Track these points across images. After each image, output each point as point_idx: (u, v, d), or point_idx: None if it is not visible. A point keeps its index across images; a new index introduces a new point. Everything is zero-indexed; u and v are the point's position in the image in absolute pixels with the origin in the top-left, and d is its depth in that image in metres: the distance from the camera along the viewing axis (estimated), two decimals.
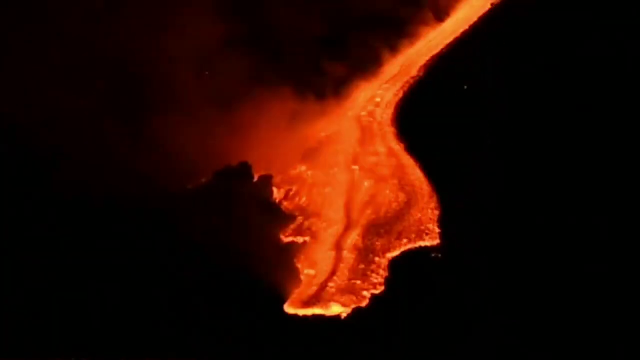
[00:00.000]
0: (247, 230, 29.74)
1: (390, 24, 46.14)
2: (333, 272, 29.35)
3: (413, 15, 47.49)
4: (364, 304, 27.66)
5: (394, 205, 33.02)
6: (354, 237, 31.20)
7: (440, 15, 49.24)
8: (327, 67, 41.15)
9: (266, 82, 37.48)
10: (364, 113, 40.74)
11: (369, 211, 32.76)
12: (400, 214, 32.35)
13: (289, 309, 27.61)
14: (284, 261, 29.54)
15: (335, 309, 27.44)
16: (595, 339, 25.16)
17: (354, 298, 27.91)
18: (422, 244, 30.45)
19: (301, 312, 27.40)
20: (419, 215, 32.18)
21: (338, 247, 30.78)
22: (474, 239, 30.29)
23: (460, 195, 33.08)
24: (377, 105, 41.59)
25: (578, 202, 31.53)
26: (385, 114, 40.80)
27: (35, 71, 33.95)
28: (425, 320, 26.47)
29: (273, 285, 28.00)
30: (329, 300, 27.81)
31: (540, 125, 37.26)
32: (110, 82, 34.94)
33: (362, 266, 29.53)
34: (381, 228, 31.56)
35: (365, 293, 28.11)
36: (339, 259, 30.05)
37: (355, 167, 35.81)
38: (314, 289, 28.56)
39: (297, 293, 28.39)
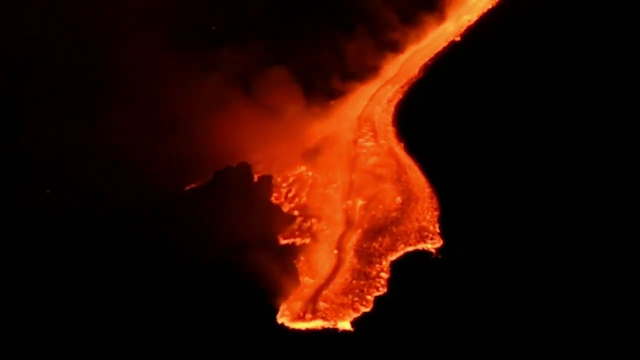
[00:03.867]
0: (247, 230, 29.65)
1: (390, 24, 46.17)
2: (334, 274, 29.31)
3: (413, 16, 47.55)
4: (368, 307, 27.61)
5: (394, 206, 32.90)
6: (354, 239, 31.16)
7: (440, 16, 49.38)
8: (327, 67, 41.13)
9: (266, 83, 37.52)
10: (364, 113, 40.84)
11: (369, 212, 32.67)
12: (401, 215, 32.25)
13: (284, 317, 27.45)
14: (283, 263, 29.47)
15: (340, 324, 27.28)
16: (595, 339, 25.24)
17: (357, 301, 27.87)
18: (423, 245, 30.40)
19: (298, 325, 27.24)
20: (419, 216, 32.07)
21: (338, 248, 30.72)
22: (474, 239, 30.27)
23: (460, 196, 33.05)
24: (377, 105, 41.57)
25: (578, 201, 31.54)
26: (385, 114, 40.74)
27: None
28: (427, 321, 26.50)
29: (272, 287, 27.93)
30: (330, 305, 27.73)
31: (540, 125, 37.24)
32: (108, 84, 34.95)
33: (363, 268, 29.47)
34: (381, 229, 31.46)
35: (368, 296, 28.04)
36: (339, 261, 30.00)
37: (355, 168, 35.74)
38: (313, 293, 28.50)
39: (296, 295, 28.36)
